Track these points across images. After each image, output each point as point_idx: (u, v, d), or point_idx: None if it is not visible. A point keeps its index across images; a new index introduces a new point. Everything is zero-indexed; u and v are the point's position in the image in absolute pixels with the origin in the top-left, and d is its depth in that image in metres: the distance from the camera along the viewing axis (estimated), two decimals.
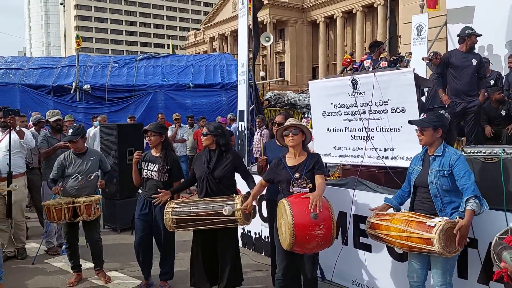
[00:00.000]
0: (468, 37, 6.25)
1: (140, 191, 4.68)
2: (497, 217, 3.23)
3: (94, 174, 4.82)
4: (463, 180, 3.09)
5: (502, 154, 3.34)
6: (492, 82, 7.58)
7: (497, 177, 3.32)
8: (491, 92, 7.15)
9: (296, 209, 3.29)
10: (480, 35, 6.32)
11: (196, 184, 4.44)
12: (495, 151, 3.43)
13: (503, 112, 6.90)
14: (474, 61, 6.16)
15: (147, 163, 4.57)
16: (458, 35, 6.31)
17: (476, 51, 8.54)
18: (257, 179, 4.26)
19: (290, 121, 3.79)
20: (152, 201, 4.40)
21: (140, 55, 15.76)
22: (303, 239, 3.27)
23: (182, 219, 4.13)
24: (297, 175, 3.63)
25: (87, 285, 4.78)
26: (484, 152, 3.50)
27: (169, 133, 9.54)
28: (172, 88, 13.85)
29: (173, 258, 4.68)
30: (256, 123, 9.27)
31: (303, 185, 3.62)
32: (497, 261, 2.93)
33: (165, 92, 13.71)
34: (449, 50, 6.24)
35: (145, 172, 4.55)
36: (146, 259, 4.64)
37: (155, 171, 4.49)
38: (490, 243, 3.16)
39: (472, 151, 3.61)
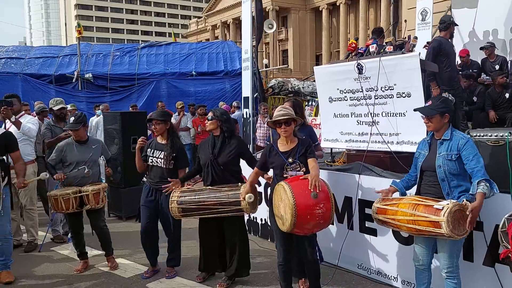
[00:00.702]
0: (453, 25, 6.23)
1: (145, 179, 4.69)
2: (503, 200, 3.23)
3: (100, 159, 4.82)
4: (472, 163, 3.08)
5: (509, 137, 3.33)
6: (497, 67, 7.54)
7: (503, 160, 3.31)
8: (494, 76, 7.12)
9: (297, 189, 3.33)
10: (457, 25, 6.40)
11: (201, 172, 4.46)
12: (501, 134, 3.42)
13: (507, 95, 6.89)
14: (455, 48, 6.19)
15: (152, 150, 4.57)
16: (441, 22, 6.23)
17: (481, 36, 8.51)
18: None
19: (280, 112, 3.73)
20: (162, 190, 4.40)
21: (142, 43, 15.69)
22: (305, 218, 3.31)
23: (187, 208, 4.15)
24: (290, 160, 3.68)
25: (94, 272, 4.83)
26: (490, 135, 3.49)
27: (173, 121, 9.53)
28: (175, 76, 13.81)
29: (180, 245, 4.71)
30: (262, 110, 9.21)
31: (297, 169, 3.67)
32: (504, 241, 2.95)
33: (167, 80, 13.68)
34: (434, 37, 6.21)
35: (151, 159, 4.55)
36: (152, 245, 4.68)
37: (161, 158, 4.49)
38: (497, 225, 3.18)
39: (478, 135, 3.60)
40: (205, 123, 4.55)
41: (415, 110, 3.52)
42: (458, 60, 8.01)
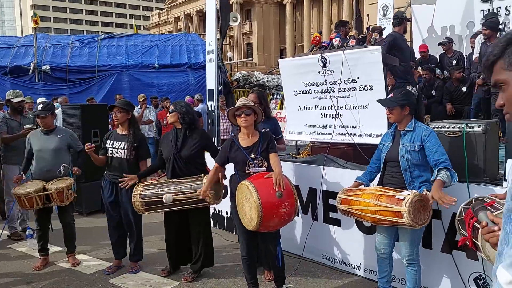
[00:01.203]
0: (405, 20, 6.38)
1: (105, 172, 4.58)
2: (460, 189, 3.35)
3: (62, 167, 4.67)
4: (436, 155, 3.18)
5: (465, 129, 3.46)
6: (454, 62, 7.81)
7: (460, 151, 3.44)
8: (452, 71, 7.39)
9: (261, 190, 3.30)
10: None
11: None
12: (458, 126, 3.54)
13: (464, 89, 7.17)
14: (409, 44, 6.30)
15: (112, 141, 4.46)
16: (394, 18, 6.39)
17: (439, 32, 8.77)
18: None
19: (242, 102, 3.70)
20: (119, 185, 4.32)
21: (102, 35, 15.27)
22: (270, 218, 3.31)
23: (150, 201, 4.08)
24: (252, 156, 3.61)
25: (54, 269, 4.68)
26: (448, 127, 3.61)
27: (135, 114, 9.32)
28: (137, 68, 13.55)
29: (141, 239, 4.63)
30: (220, 103, 9.11)
31: (259, 165, 3.62)
32: (461, 229, 3.07)
33: (129, 72, 13.40)
34: (390, 32, 6.32)
35: (110, 150, 4.44)
36: (120, 240, 4.59)
37: (121, 149, 4.39)
38: (454, 213, 3.30)
39: (437, 126, 3.71)
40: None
41: (377, 101, 3.61)
42: (418, 55, 8.26)
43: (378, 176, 3.62)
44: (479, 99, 6.75)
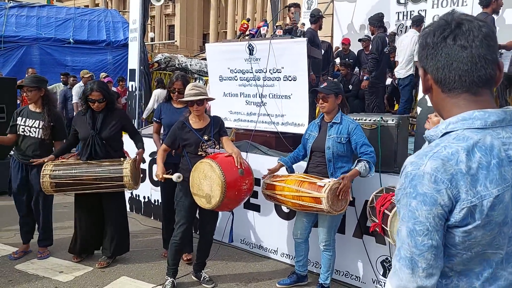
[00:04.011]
0: (321, 18, 6.63)
1: (12, 152, 4.21)
2: (373, 178, 3.58)
3: None
4: (363, 148, 3.36)
5: (381, 122, 3.70)
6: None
7: (375, 142, 3.67)
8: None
9: (224, 166, 3.33)
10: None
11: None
12: (374, 119, 3.77)
13: (350, 87, 7.65)
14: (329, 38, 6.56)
15: (24, 118, 4.11)
16: (311, 15, 6.64)
17: (357, 29, 9.22)
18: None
19: (193, 90, 3.59)
20: (33, 164, 4.01)
21: (10, 2, 13.93)
22: (233, 195, 3.35)
23: (62, 182, 3.85)
24: (206, 137, 3.62)
25: None
26: (365, 120, 3.83)
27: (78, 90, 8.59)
28: (49, 42, 12.56)
29: (51, 223, 4.36)
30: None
31: (212, 146, 3.65)
32: (372, 216, 3.30)
33: (40, 46, 12.40)
34: (308, 28, 6.57)
35: (23, 128, 4.09)
36: (28, 224, 4.28)
37: (35, 127, 4.07)
38: (366, 201, 3.53)
39: (355, 119, 3.92)
40: None
41: (313, 89, 3.71)
42: (340, 47, 8.64)
43: (303, 162, 3.75)
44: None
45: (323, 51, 6.72)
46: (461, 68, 1.10)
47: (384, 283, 3.68)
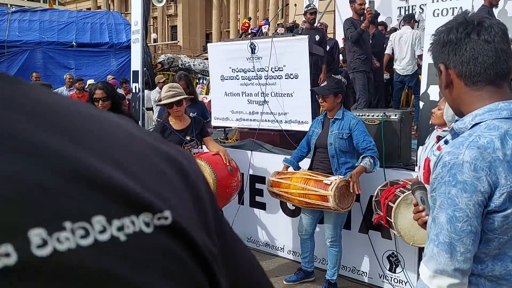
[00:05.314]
0: (304, 14, 6.43)
1: None
2: (377, 173, 3.59)
3: None
4: (364, 143, 3.37)
5: (383, 117, 3.71)
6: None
7: (378, 138, 3.68)
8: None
9: (214, 165, 3.39)
10: (314, 11, 6.50)
11: None
12: (377, 115, 3.78)
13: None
14: (317, 37, 6.23)
15: None
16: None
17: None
18: None
19: (169, 92, 3.52)
20: None
21: (13, 7, 14.02)
22: (224, 192, 3.41)
23: None
24: (188, 138, 3.63)
25: None
26: (368, 115, 3.84)
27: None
28: (52, 46, 12.62)
29: None
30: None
31: (195, 147, 3.66)
32: (377, 209, 3.31)
33: (43, 50, 12.45)
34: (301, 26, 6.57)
35: None
36: None
37: None
38: (371, 196, 3.54)
39: (358, 114, 3.93)
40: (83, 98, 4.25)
41: (312, 89, 3.73)
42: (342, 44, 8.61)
43: (308, 160, 3.77)
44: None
45: (328, 47, 6.69)
46: (487, 61, 1.16)
47: (391, 277, 3.70)
